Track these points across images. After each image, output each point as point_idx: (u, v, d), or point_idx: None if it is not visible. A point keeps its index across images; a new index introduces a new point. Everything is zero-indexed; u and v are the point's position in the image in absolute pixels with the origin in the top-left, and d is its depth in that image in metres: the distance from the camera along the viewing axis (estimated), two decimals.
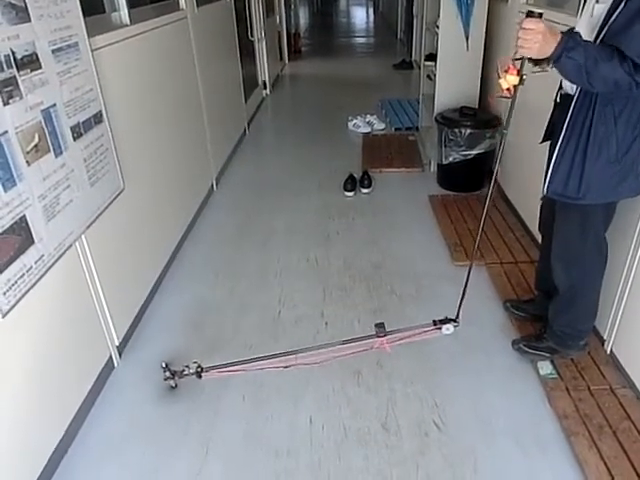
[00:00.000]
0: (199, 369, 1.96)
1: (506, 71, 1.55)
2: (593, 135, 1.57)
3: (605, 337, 2.07)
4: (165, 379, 1.97)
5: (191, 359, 2.14)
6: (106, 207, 2.00)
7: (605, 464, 1.62)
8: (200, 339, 2.27)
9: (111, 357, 2.08)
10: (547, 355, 2.02)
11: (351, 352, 2.03)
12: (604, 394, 1.87)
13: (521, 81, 1.54)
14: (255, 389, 1.99)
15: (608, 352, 2.04)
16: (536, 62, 1.77)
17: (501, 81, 1.59)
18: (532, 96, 1.60)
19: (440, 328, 2.05)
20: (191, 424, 1.86)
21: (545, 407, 1.86)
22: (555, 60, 1.43)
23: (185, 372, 1.96)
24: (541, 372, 1.98)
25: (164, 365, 1.97)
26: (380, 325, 2.06)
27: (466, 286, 1.99)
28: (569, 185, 1.65)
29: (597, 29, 1.50)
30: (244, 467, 1.71)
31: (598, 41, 1.49)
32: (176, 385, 2.00)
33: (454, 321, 2.05)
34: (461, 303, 2.03)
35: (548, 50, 1.42)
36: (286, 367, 2.01)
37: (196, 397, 1.97)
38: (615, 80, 1.40)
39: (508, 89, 1.58)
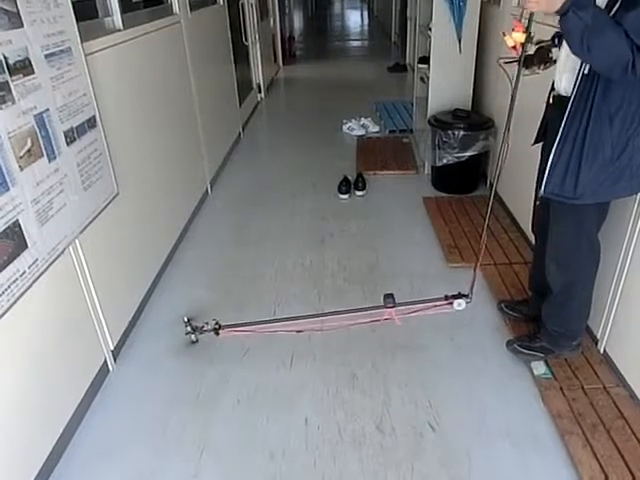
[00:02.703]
0: (217, 326, 2.12)
1: (513, 29, 1.51)
2: (589, 136, 1.56)
3: (598, 337, 2.08)
4: (186, 333, 2.14)
5: (185, 363, 2.15)
6: (100, 211, 2.00)
7: (599, 463, 1.63)
8: (195, 342, 2.27)
9: (106, 361, 2.08)
10: (541, 355, 2.02)
11: (360, 322, 2.05)
12: (598, 393, 1.88)
13: (528, 38, 1.49)
14: (250, 392, 2.00)
15: (601, 352, 2.06)
16: (527, 65, 1.78)
17: (506, 39, 1.55)
18: (525, 98, 1.61)
19: (452, 303, 2.03)
20: (187, 427, 1.86)
21: (539, 407, 1.87)
22: (562, 16, 1.39)
23: (205, 328, 2.12)
24: (535, 372, 1.99)
25: (186, 320, 2.13)
26: (389, 296, 2.05)
27: (477, 263, 1.99)
28: (565, 185, 1.65)
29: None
30: (239, 469, 1.71)
31: None
32: (197, 340, 2.18)
33: (466, 297, 2.03)
34: (474, 280, 2.03)
35: (557, 3, 1.38)
36: (299, 331, 2.10)
37: (192, 400, 1.97)
38: (617, 55, 1.36)
39: (514, 47, 1.54)
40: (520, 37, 1.51)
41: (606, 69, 1.44)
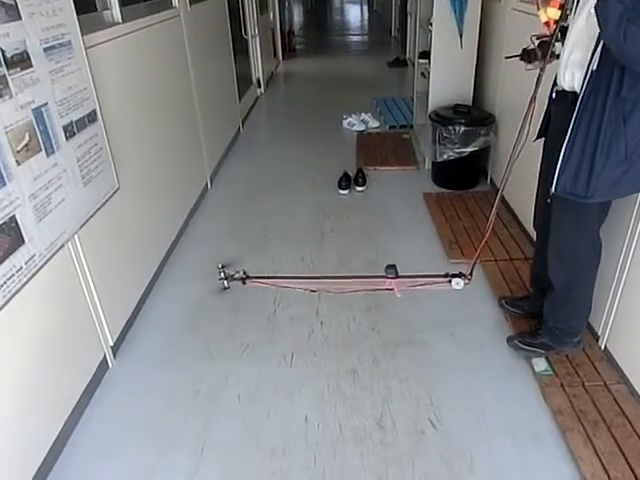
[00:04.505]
0: (244, 275, 2.37)
1: (548, 3, 1.47)
2: (602, 134, 1.53)
3: (599, 333, 2.07)
4: (219, 279, 2.38)
5: (185, 358, 2.15)
6: (100, 207, 1.99)
7: (600, 459, 1.63)
8: (194, 338, 2.26)
9: (105, 357, 2.07)
10: (542, 352, 2.02)
11: (364, 289, 2.19)
12: (598, 390, 1.88)
13: (562, 16, 1.43)
14: (251, 388, 1.99)
15: (602, 348, 2.05)
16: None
17: (540, 12, 1.50)
18: (527, 93, 1.60)
19: (450, 281, 2.05)
20: (188, 423, 1.85)
21: (540, 403, 1.87)
22: (602, 1, 1.33)
23: (235, 276, 2.38)
24: (536, 369, 1.99)
25: (220, 266, 2.39)
26: (391, 267, 2.10)
27: (481, 244, 1.96)
28: (578, 184, 1.62)
29: (599, 31, 1.42)
30: (240, 466, 1.70)
31: (600, 46, 1.44)
32: (229, 286, 2.41)
33: (465, 277, 2.04)
34: (475, 262, 2.03)
35: None
36: (313, 291, 2.28)
37: (192, 396, 1.96)
38: None
39: (547, 23, 1.49)
40: (555, 13, 1.45)
41: (636, 60, 1.37)
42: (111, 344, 2.11)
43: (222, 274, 2.37)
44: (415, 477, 1.63)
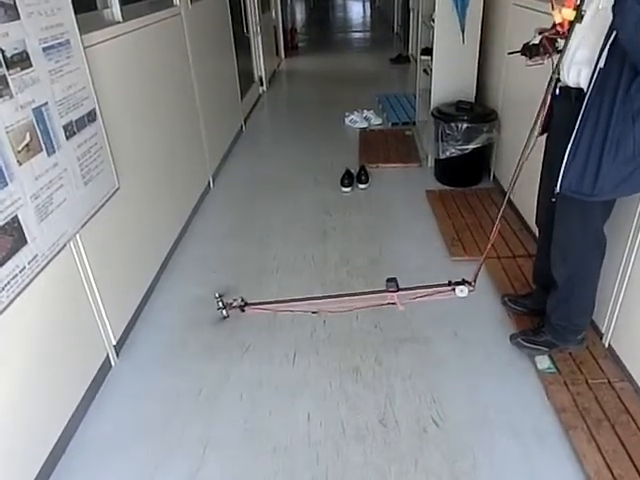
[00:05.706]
0: (243, 303, 2.28)
1: (563, 4, 1.45)
2: (611, 133, 1.51)
3: (603, 331, 2.06)
4: (218, 309, 2.28)
5: (187, 359, 2.15)
6: (101, 206, 1.99)
7: (603, 457, 1.62)
8: (197, 338, 2.26)
9: (108, 357, 2.07)
10: (545, 349, 2.01)
11: (366, 305, 2.13)
12: (602, 388, 1.87)
13: (577, 17, 1.42)
14: (253, 387, 1.99)
15: (606, 346, 2.04)
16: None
17: (554, 13, 1.49)
18: (530, 88, 1.58)
19: (454, 289, 2.01)
20: (190, 422, 1.85)
21: (543, 401, 1.86)
22: (620, 1, 1.31)
23: (234, 304, 2.29)
24: (539, 366, 1.98)
25: (217, 295, 2.29)
26: (391, 280, 2.05)
27: (486, 250, 1.95)
28: (584, 183, 1.60)
29: (609, 25, 1.41)
30: (242, 464, 1.70)
31: (611, 40, 1.42)
32: (228, 315, 2.30)
33: (469, 284, 2.01)
34: (479, 268, 2.01)
35: None
36: (314, 312, 2.20)
37: (194, 395, 1.96)
38: None
39: (561, 24, 1.48)
40: (570, 14, 1.43)
41: None
42: (114, 343, 2.11)
43: (220, 303, 2.28)
44: (418, 475, 1.63)
